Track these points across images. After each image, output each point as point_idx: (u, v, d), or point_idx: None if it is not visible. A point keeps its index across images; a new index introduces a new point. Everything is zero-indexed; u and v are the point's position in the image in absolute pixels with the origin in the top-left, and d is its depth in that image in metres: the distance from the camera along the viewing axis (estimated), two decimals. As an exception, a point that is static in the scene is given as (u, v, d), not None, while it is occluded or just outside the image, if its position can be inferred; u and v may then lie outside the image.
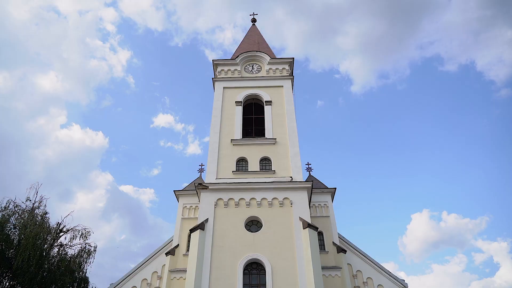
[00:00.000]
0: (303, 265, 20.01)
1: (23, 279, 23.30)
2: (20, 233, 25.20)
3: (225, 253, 20.75)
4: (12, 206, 26.20)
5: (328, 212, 26.63)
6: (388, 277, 24.45)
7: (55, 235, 27.54)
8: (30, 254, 23.19)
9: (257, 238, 21.44)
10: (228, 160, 25.16)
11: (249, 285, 20.16)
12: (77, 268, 25.73)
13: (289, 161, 24.81)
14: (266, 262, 20.35)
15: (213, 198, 22.99)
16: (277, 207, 22.65)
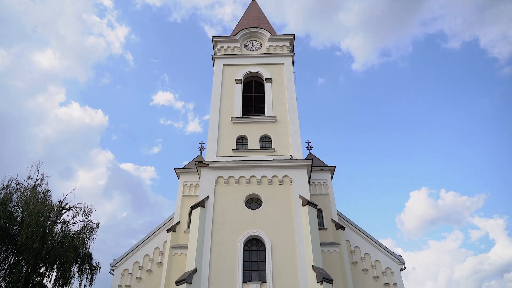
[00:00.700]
0: (302, 241, 20.36)
1: (27, 255, 23.79)
2: (23, 211, 25.54)
3: (226, 230, 21.09)
4: (14, 184, 26.46)
5: (328, 189, 26.85)
6: (385, 253, 24.91)
7: (58, 212, 27.92)
8: (34, 230, 23.57)
9: (257, 215, 21.73)
10: (228, 138, 25.19)
11: (249, 261, 20.60)
12: (80, 244, 26.21)
13: (289, 139, 24.84)
14: (266, 239, 20.71)
15: (213, 176, 23.16)
16: (277, 185, 22.85)
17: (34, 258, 23.98)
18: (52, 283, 25.45)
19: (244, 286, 19.29)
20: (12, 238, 24.85)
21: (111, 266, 25.11)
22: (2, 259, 24.54)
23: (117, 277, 24.53)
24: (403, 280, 23.88)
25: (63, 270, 25.00)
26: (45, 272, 26.24)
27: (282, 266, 19.76)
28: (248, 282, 19.46)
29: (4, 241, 24.52)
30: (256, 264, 20.50)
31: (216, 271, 19.64)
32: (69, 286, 25.65)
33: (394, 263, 24.53)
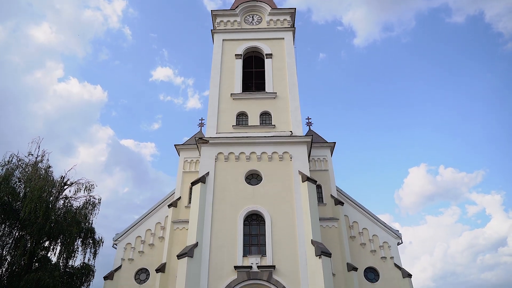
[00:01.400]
0: (301, 216, 20.68)
1: (31, 230, 24.18)
2: (25, 186, 25.77)
3: (226, 205, 21.37)
4: (15, 160, 26.57)
5: (327, 166, 27.03)
6: (382, 228, 25.36)
7: (60, 188, 28.18)
8: (37, 206, 23.86)
9: (257, 191, 21.96)
10: (228, 115, 25.11)
11: (249, 235, 20.99)
12: (83, 219, 26.58)
13: (289, 116, 24.76)
14: (266, 214, 21.03)
15: (213, 152, 23.24)
16: (276, 161, 22.97)
17: (38, 232, 24.38)
18: (56, 257, 26.02)
19: (244, 260, 19.74)
20: (15, 213, 25.19)
21: (113, 240, 25.62)
22: (6, 233, 24.95)
23: (120, 251, 25.08)
24: (399, 254, 24.44)
25: (67, 244, 25.47)
26: (49, 246, 26.75)
27: (281, 240, 20.15)
28: (248, 256, 19.90)
29: (7, 216, 24.88)
30: (256, 238, 20.90)
31: (217, 245, 20.05)
32: (73, 260, 26.20)
33: (391, 237, 25.01)
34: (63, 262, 25.83)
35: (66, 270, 25.89)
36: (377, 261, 24.05)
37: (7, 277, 24.24)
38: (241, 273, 19.25)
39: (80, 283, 25.97)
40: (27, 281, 21.91)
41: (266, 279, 19.07)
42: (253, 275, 19.23)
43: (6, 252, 24.60)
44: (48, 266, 24.33)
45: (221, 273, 19.25)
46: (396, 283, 23.18)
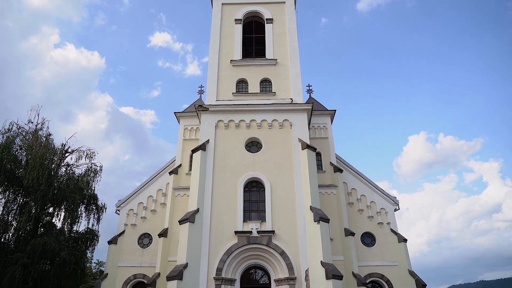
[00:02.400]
0: (300, 183, 20.96)
1: (35, 196, 24.60)
2: (26, 154, 25.95)
3: (226, 172, 21.61)
4: (15, 128, 26.57)
5: (327, 133, 27.05)
6: (380, 194, 25.77)
7: (61, 155, 28.36)
8: (39, 173, 24.14)
9: (257, 158, 22.13)
10: (228, 82, 24.84)
11: (249, 202, 21.38)
12: (86, 186, 26.96)
13: (290, 83, 24.49)
14: (266, 181, 21.30)
15: (213, 119, 23.20)
16: (276, 129, 22.98)
17: (41, 199, 24.82)
18: (61, 222, 26.64)
19: (245, 225, 20.22)
20: (18, 181, 25.53)
21: (116, 206, 26.14)
22: (11, 200, 25.42)
23: (122, 217, 25.65)
24: (396, 220, 25.01)
25: (70, 210, 25.99)
26: (53, 212, 27.32)
27: (281, 207, 20.55)
28: (248, 221, 20.37)
29: (11, 183, 25.24)
30: (256, 205, 21.31)
31: (218, 211, 20.47)
32: (77, 225, 26.86)
33: (389, 204, 25.48)
34: (67, 227, 26.49)
35: (71, 235, 26.60)
36: (374, 226, 24.64)
37: (14, 242, 24.96)
38: (241, 238, 19.78)
39: (85, 247, 26.77)
40: (34, 245, 22.56)
41: (265, 243, 19.62)
42: (253, 239, 19.77)
43: (11, 217, 25.17)
44: (53, 231, 24.98)
45: (222, 238, 19.79)
46: (391, 247, 23.87)
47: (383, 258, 23.62)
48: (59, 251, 22.69)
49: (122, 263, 24.05)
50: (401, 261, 23.41)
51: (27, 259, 22.16)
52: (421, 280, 22.74)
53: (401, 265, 23.29)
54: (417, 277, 22.83)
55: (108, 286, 23.37)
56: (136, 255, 24.28)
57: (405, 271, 23.05)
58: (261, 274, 20.54)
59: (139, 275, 23.65)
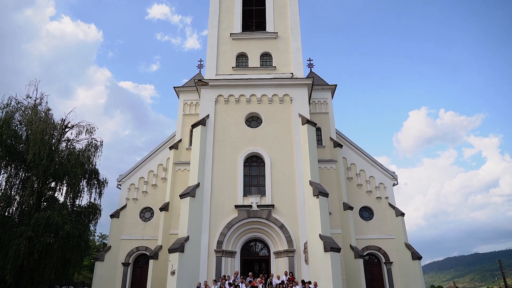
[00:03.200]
0: (300, 158, 21.08)
1: (37, 171, 24.79)
2: (27, 129, 25.94)
3: (226, 147, 21.68)
4: (14, 103, 26.41)
5: (328, 108, 26.90)
6: (379, 169, 25.95)
7: (61, 130, 28.36)
8: (40, 148, 24.23)
9: (257, 133, 22.14)
10: (228, 56, 24.49)
11: (249, 176, 21.57)
12: (87, 161, 27.11)
13: (290, 57, 24.16)
14: (266, 155, 21.41)
15: (213, 94, 23.05)
16: (277, 103, 22.86)
17: (43, 174, 25.02)
18: (63, 197, 26.98)
19: (245, 199, 20.50)
20: (20, 156, 25.65)
21: (117, 181, 26.38)
22: (13, 174, 25.63)
23: (124, 191, 25.95)
24: (394, 194, 25.30)
25: (72, 185, 26.26)
26: (55, 186, 27.61)
27: (280, 181, 20.75)
28: (248, 196, 20.63)
29: (13, 158, 25.37)
30: (256, 179, 21.51)
31: (218, 186, 20.69)
32: (79, 199, 27.21)
33: (388, 178, 25.70)
34: (70, 201, 26.85)
35: (74, 209, 27.00)
36: (372, 200, 24.97)
37: (18, 215, 25.37)
38: (242, 212, 20.10)
39: (88, 221, 27.22)
40: (37, 219, 22.94)
41: (265, 217, 19.95)
42: (253, 213, 20.09)
43: (14, 192, 25.48)
44: (56, 205, 25.33)
45: (222, 212, 20.10)
46: (389, 221, 24.29)
47: (381, 231, 24.08)
48: (63, 224, 23.09)
49: (125, 236, 24.55)
50: (398, 234, 23.87)
51: (31, 232, 22.60)
52: (416, 253, 23.28)
53: (398, 238, 23.77)
54: (413, 250, 23.36)
55: (111, 258, 23.95)
56: (138, 228, 24.74)
57: (401, 244, 23.56)
58: (260, 246, 21.01)
59: (142, 247, 24.19)
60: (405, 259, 23.15)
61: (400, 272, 22.97)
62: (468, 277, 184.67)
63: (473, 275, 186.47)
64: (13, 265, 21.78)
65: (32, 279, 24.93)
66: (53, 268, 23.37)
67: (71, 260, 24.94)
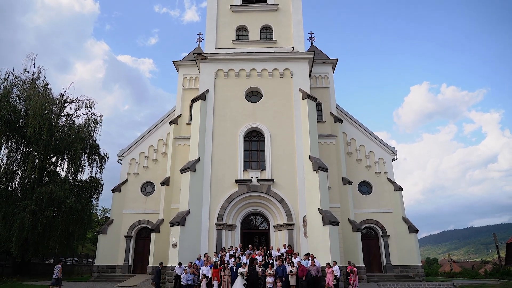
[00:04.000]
0: (300, 133, 21.08)
1: (37, 146, 24.88)
2: (25, 104, 25.82)
3: (226, 122, 21.64)
4: (11, 78, 26.18)
5: (328, 83, 26.65)
6: (379, 144, 26.02)
7: (60, 105, 28.24)
8: (40, 123, 24.20)
9: (257, 108, 22.04)
10: (228, 29, 24.02)
11: (249, 151, 21.65)
12: (87, 136, 27.15)
13: (291, 30, 23.70)
14: (266, 130, 21.40)
15: (213, 68, 22.78)
16: (277, 78, 22.63)
17: (44, 149, 25.12)
18: (65, 171, 27.19)
19: (245, 174, 20.66)
20: (20, 131, 25.65)
21: (118, 156, 26.49)
22: (14, 149, 25.73)
23: (125, 166, 26.11)
24: (393, 169, 25.48)
25: (73, 159, 26.42)
26: (56, 161, 27.79)
27: (280, 156, 20.85)
28: (248, 170, 20.78)
29: (13, 133, 25.39)
30: (256, 154, 21.60)
31: (218, 160, 20.80)
32: (81, 174, 27.46)
33: (387, 153, 25.81)
34: (71, 176, 27.11)
35: (75, 183, 27.29)
36: (371, 175, 25.17)
37: (20, 190, 25.66)
38: (242, 186, 20.31)
39: (90, 195, 27.59)
40: (40, 193, 23.22)
41: (265, 191, 20.18)
42: (253, 188, 20.31)
43: (16, 167, 25.66)
44: (58, 180, 25.58)
45: (223, 186, 20.31)
46: (387, 196, 24.59)
47: (379, 205, 24.42)
48: (65, 198, 23.40)
49: (127, 210, 24.90)
50: (396, 208, 24.23)
51: (35, 206, 22.93)
52: (413, 226, 23.71)
53: (395, 212, 24.14)
54: (410, 223, 23.78)
55: (114, 232, 24.40)
56: (139, 202, 25.08)
57: (399, 218, 23.95)
58: (260, 220, 21.37)
59: (143, 221, 24.61)
60: (402, 233, 23.61)
61: (396, 245, 23.48)
62: (462, 250, 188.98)
63: (467, 248, 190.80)
64: (18, 238, 22.24)
65: (37, 252, 25.54)
66: (57, 241, 23.90)
67: (75, 233, 25.46)
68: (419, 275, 22.50)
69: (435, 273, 38.23)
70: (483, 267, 44.46)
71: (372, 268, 23.20)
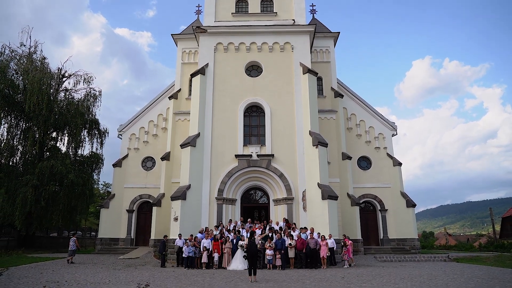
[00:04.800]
0: (300, 108, 20.98)
1: (37, 121, 24.83)
2: (23, 79, 25.56)
3: (226, 97, 21.49)
4: (8, 52, 25.80)
5: (329, 57, 26.28)
6: (379, 120, 25.97)
7: (59, 80, 27.96)
8: (39, 98, 24.04)
9: (257, 82, 21.83)
10: (227, 1, 23.41)
11: (249, 126, 21.62)
12: (86, 111, 27.06)
13: (292, 2, 23.11)
14: (266, 105, 21.29)
15: (212, 42, 22.39)
16: (277, 52, 22.30)
17: (44, 124, 25.08)
18: (65, 147, 27.29)
19: (245, 149, 20.71)
20: (19, 106, 25.52)
21: (118, 131, 26.48)
22: (14, 124, 25.69)
23: (125, 141, 26.16)
24: (392, 145, 25.55)
25: (73, 135, 26.45)
26: (57, 137, 27.82)
27: (280, 131, 20.84)
28: (248, 145, 20.82)
29: (12, 108, 25.28)
30: (256, 129, 21.58)
31: (218, 135, 20.80)
32: (81, 149, 27.57)
33: (387, 129, 25.81)
34: (72, 151, 27.23)
35: (76, 158, 27.44)
36: (370, 150, 25.28)
37: (22, 165, 25.82)
38: (242, 161, 20.41)
39: (91, 170, 27.80)
40: (41, 168, 23.39)
41: (265, 166, 20.30)
42: (253, 162, 20.41)
43: (16, 142, 25.70)
44: (58, 155, 25.72)
45: (223, 161, 20.41)
46: (386, 171, 24.79)
47: (378, 180, 24.66)
48: (67, 173, 23.59)
49: (128, 184, 25.15)
50: (394, 183, 24.49)
51: (37, 181, 23.15)
52: (411, 201, 24.04)
53: (394, 187, 24.42)
54: (407, 198, 24.09)
55: (116, 206, 24.75)
56: (140, 177, 25.29)
57: (397, 193, 24.25)
58: (260, 194, 21.62)
59: (145, 195, 24.91)
60: (399, 207, 23.97)
61: (394, 218, 23.88)
62: (458, 224, 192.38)
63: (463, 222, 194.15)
64: (22, 212, 22.59)
65: (41, 225, 26.00)
66: (60, 214, 24.29)
67: (77, 207, 25.83)
68: (415, 248, 23.03)
69: (430, 246, 39.09)
70: (478, 241, 45.41)
71: (369, 241, 23.70)
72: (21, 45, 26.81)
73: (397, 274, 13.04)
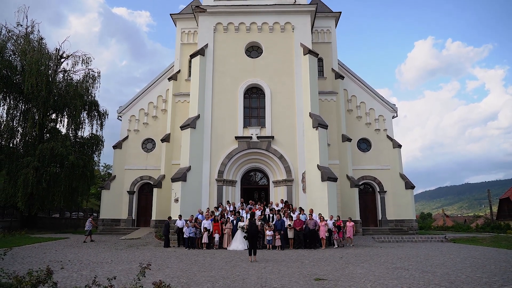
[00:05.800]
0: (301, 90, 20.85)
1: (36, 103, 24.72)
2: (21, 60, 25.28)
3: (226, 78, 21.33)
4: (5, 32, 25.42)
5: (331, 38, 25.90)
6: (380, 101, 25.84)
7: (57, 61, 27.66)
8: (37, 79, 23.85)
9: (257, 63, 21.62)
10: (226, -20, 22.92)
11: (249, 108, 21.55)
12: (85, 92, 26.88)
13: (293, -19, 22.62)
14: (266, 87, 21.15)
15: (212, 22, 22.06)
16: (278, 32, 21.99)
17: (43, 105, 25.00)
18: (65, 128, 27.24)
19: (245, 131, 20.71)
20: (17, 87, 25.35)
21: (118, 112, 26.39)
22: (13, 106, 25.58)
23: (125, 122, 26.10)
24: (392, 127, 25.51)
25: (73, 116, 26.36)
26: (56, 118, 27.73)
27: (280, 113, 20.78)
28: (248, 127, 20.80)
29: (10, 90, 25.12)
30: (256, 111, 21.53)
31: (218, 117, 20.75)
32: (81, 131, 27.53)
33: (387, 111, 25.72)
34: (72, 133, 27.20)
35: (76, 140, 27.44)
36: (370, 132, 25.26)
37: (22, 147, 25.86)
38: (242, 143, 20.44)
39: (92, 151, 27.83)
40: (42, 150, 23.43)
41: (265, 148, 20.34)
42: (253, 144, 20.44)
43: (16, 123, 25.65)
44: (59, 137, 25.71)
45: (223, 143, 20.43)
46: (386, 153, 24.84)
47: (377, 162, 24.74)
48: (67, 155, 23.65)
49: (128, 166, 25.25)
50: (393, 165, 24.58)
51: (38, 162, 23.24)
52: (410, 182, 24.19)
53: (393, 169, 24.52)
54: (406, 180, 24.24)
55: (117, 187, 24.92)
56: (140, 158, 25.37)
57: (396, 174, 24.38)
58: (260, 176, 21.75)
59: (145, 177, 25.05)
60: (398, 189, 24.14)
61: (393, 200, 24.09)
62: (456, 205, 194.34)
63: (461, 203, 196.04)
64: (23, 193, 22.77)
65: (43, 206, 26.24)
66: (62, 196, 24.48)
67: (78, 188, 26.00)
68: (412, 229, 23.33)
69: (428, 227, 39.56)
70: (475, 222, 45.96)
71: (368, 223, 23.98)
72: (17, 25, 26.40)
73: (394, 254, 13.27)
